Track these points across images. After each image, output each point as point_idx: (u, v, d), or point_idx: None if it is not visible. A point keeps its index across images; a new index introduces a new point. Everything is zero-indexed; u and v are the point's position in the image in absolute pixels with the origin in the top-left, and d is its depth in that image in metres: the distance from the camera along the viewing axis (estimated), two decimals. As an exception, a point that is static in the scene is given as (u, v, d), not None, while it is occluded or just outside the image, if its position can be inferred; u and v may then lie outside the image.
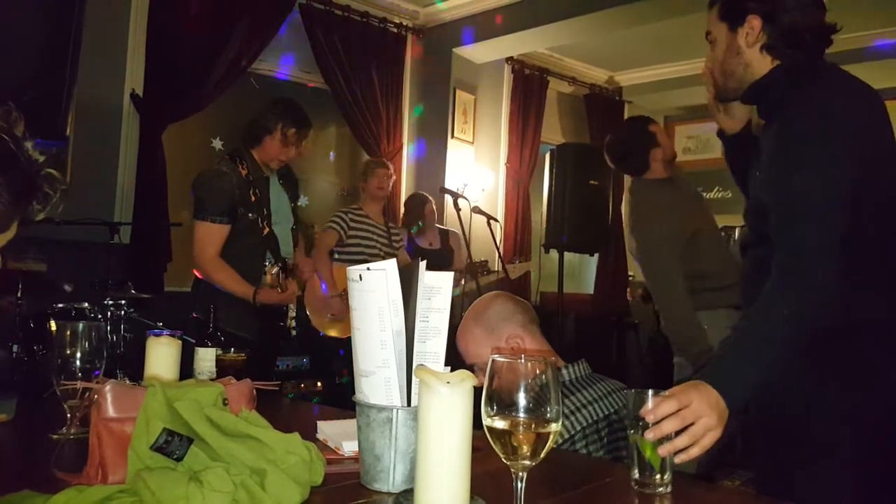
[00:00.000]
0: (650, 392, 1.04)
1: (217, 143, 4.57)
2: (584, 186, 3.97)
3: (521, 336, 1.56)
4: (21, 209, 0.98)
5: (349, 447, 1.13)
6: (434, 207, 4.41)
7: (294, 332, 2.70)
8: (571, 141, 6.23)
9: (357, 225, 3.78)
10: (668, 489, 1.00)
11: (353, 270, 0.99)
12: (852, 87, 1.43)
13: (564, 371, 1.51)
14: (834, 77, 1.44)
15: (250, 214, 2.54)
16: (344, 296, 2.75)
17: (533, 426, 0.79)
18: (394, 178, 4.06)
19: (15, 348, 2.29)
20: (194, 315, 2.53)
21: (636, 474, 1.02)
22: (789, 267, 1.29)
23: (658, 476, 1.00)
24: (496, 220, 4.13)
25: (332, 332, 3.70)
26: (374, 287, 0.97)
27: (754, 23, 1.46)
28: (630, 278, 6.46)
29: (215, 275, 2.51)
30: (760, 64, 1.50)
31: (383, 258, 1.02)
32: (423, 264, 1.01)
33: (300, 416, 1.62)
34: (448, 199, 4.03)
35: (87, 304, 2.68)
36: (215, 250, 2.49)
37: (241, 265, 2.51)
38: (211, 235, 2.48)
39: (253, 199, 2.56)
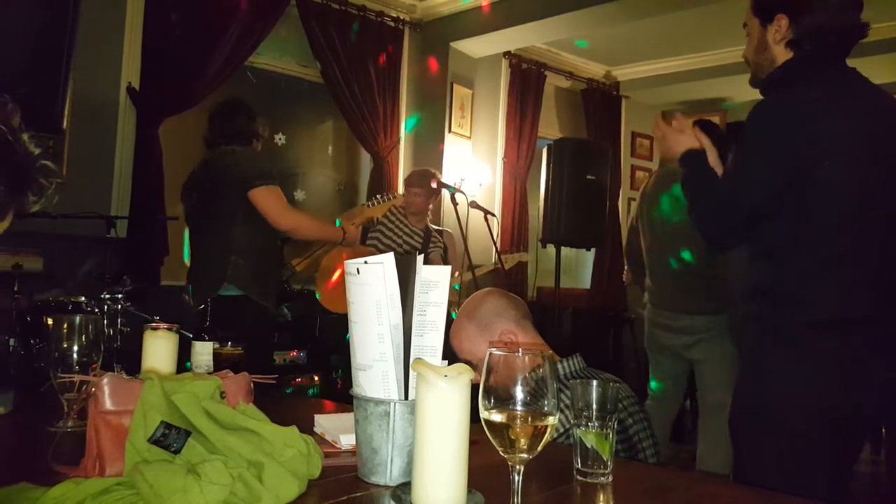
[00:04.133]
0: (594, 382, 1.05)
1: (214, 137, 4.56)
2: (582, 181, 3.97)
3: (514, 331, 1.57)
4: (16, 200, 0.98)
5: (347, 440, 1.14)
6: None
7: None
8: (569, 136, 6.23)
9: (390, 216, 3.77)
10: (610, 479, 1.02)
11: (351, 264, 0.99)
12: (802, 90, 1.51)
13: (559, 366, 1.52)
14: (807, 80, 1.52)
15: None
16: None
17: (530, 419, 0.80)
18: (425, 199, 3.81)
19: (12, 342, 2.29)
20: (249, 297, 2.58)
21: (578, 464, 1.03)
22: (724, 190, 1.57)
23: (601, 465, 1.02)
24: (493, 214, 4.12)
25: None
26: (371, 280, 0.97)
27: (782, 21, 1.53)
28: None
29: (307, 224, 2.71)
30: (784, 58, 1.57)
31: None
32: (420, 258, 1.01)
33: (298, 410, 1.62)
34: (445, 193, 4.02)
35: (83, 298, 2.68)
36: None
37: (266, 241, 2.64)
38: (282, 195, 2.63)
39: None
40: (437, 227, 4.43)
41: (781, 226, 1.50)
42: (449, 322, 1.04)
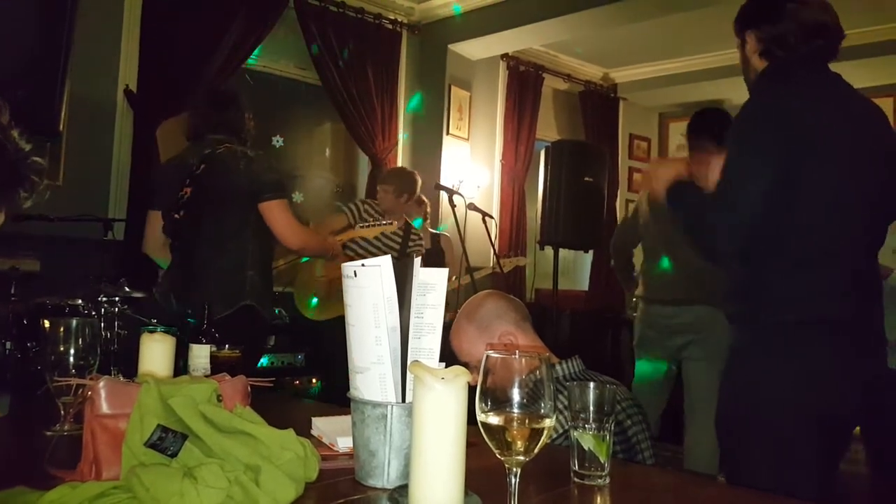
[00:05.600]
0: (591, 384, 1.04)
1: (211, 140, 4.55)
2: (579, 183, 3.96)
3: (513, 333, 1.58)
4: (7, 197, 0.98)
5: (344, 443, 1.13)
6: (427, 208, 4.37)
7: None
8: (566, 138, 6.24)
9: (367, 217, 3.74)
10: (607, 480, 1.02)
11: (348, 267, 0.99)
12: (780, 90, 1.56)
13: (558, 368, 1.52)
14: (789, 82, 1.57)
15: None
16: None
17: (527, 422, 0.80)
18: (393, 196, 3.77)
19: (8, 345, 2.28)
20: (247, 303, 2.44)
21: (575, 466, 1.03)
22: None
23: (598, 467, 1.02)
24: (491, 216, 4.12)
25: (323, 316, 3.67)
26: (368, 283, 0.97)
27: (751, 36, 1.66)
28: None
29: (313, 244, 2.65)
30: (762, 68, 1.65)
31: (376, 255, 1.01)
32: (417, 260, 1.01)
33: (295, 413, 1.62)
34: (443, 195, 4.01)
35: (80, 301, 2.66)
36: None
37: (271, 253, 2.57)
38: (290, 210, 2.51)
39: None
40: (434, 231, 4.43)
41: (762, 226, 1.51)
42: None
